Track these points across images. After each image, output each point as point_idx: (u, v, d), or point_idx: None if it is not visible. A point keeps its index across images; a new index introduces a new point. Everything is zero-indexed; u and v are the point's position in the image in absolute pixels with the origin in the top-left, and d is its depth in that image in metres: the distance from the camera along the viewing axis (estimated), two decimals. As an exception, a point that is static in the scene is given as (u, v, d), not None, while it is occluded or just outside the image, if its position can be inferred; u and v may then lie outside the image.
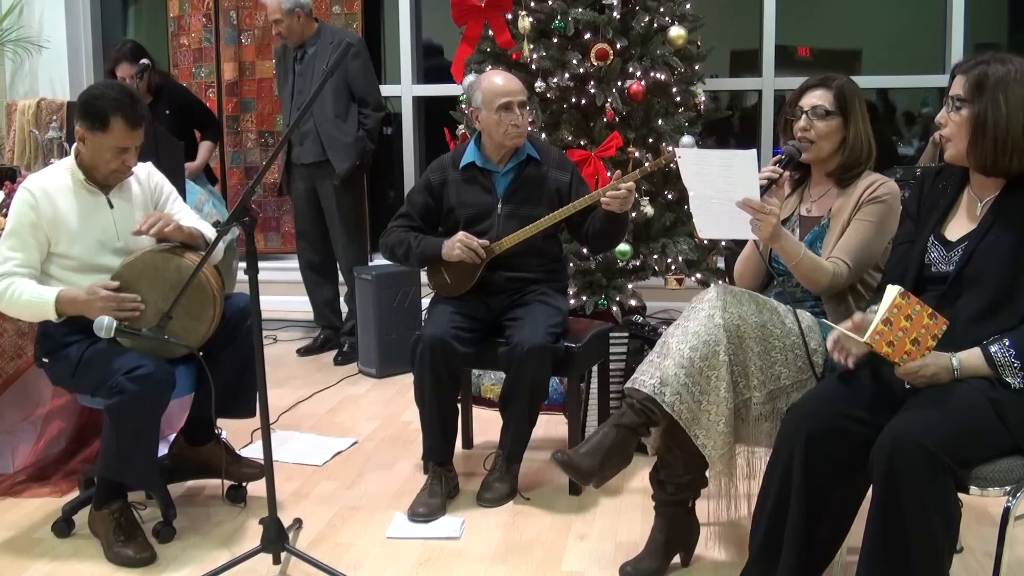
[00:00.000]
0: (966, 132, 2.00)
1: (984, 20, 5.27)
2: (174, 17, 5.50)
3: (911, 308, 1.95)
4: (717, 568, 2.50)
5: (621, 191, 2.82)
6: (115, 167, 2.62)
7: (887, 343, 1.94)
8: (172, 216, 2.78)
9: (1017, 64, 1.97)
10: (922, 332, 1.95)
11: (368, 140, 4.51)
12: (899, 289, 1.95)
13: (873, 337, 1.95)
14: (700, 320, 2.25)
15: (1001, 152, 1.97)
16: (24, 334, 3.02)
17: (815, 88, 2.44)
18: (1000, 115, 1.95)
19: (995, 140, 1.96)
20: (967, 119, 1.99)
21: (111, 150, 2.58)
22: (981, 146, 1.98)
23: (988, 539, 2.55)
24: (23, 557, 2.61)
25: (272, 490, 2.40)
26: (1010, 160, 1.97)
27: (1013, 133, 1.95)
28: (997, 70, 1.96)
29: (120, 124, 2.55)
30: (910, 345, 1.95)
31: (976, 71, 1.98)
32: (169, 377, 2.52)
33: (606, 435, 2.29)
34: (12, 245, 2.58)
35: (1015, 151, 1.96)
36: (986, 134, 1.96)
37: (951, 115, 2.02)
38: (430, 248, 3.05)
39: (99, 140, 2.57)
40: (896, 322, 1.94)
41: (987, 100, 1.96)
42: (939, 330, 1.96)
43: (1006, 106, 1.94)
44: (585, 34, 3.98)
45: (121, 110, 2.54)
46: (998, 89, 1.95)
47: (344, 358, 4.65)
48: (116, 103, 2.54)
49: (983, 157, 1.99)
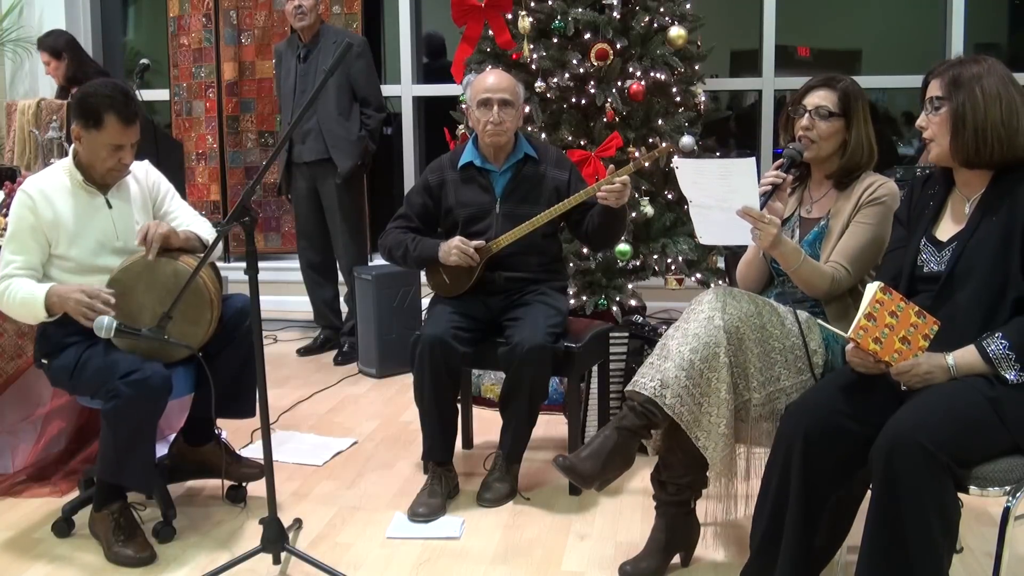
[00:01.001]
0: (947, 128, 2.04)
1: (984, 20, 5.27)
2: (174, 17, 5.50)
3: (894, 304, 1.96)
4: (717, 568, 2.50)
5: (616, 184, 2.82)
6: (111, 165, 2.62)
7: (873, 339, 1.94)
8: (170, 213, 2.79)
9: (990, 62, 2.04)
10: (911, 331, 1.95)
11: (370, 140, 4.52)
12: (879, 284, 1.97)
13: (857, 332, 1.95)
14: (700, 322, 2.25)
15: (982, 142, 2.00)
16: (24, 334, 3.02)
17: (819, 88, 2.44)
18: (978, 105, 1.99)
19: (975, 130, 2.00)
20: (946, 116, 2.03)
21: (106, 147, 2.58)
22: (962, 138, 2.02)
23: (988, 539, 2.56)
24: (23, 557, 2.61)
25: (272, 490, 2.40)
26: (992, 149, 2.01)
27: (992, 121, 1.99)
28: (970, 67, 2.03)
29: (113, 121, 2.56)
30: (899, 344, 1.95)
31: (952, 71, 2.04)
32: (165, 381, 2.52)
33: (607, 438, 2.29)
34: (13, 249, 2.59)
35: (996, 139, 2.00)
36: (966, 126, 2.01)
37: (931, 116, 2.07)
38: (427, 251, 3.04)
39: (94, 138, 2.58)
40: (880, 318, 1.94)
41: (964, 94, 2.01)
42: (930, 329, 1.96)
43: (983, 96, 2.00)
44: (585, 34, 3.98)
45: (114, 107, 2.56)
46: (973, 82, 2.01)
47: (344, 358, 4.65)
48: (109, 100, 2.56)
49: (965, 149, 2.03)
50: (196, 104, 5.52)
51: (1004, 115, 1.99)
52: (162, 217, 2.81)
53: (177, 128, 5.55)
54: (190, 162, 5.50)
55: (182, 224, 2.78)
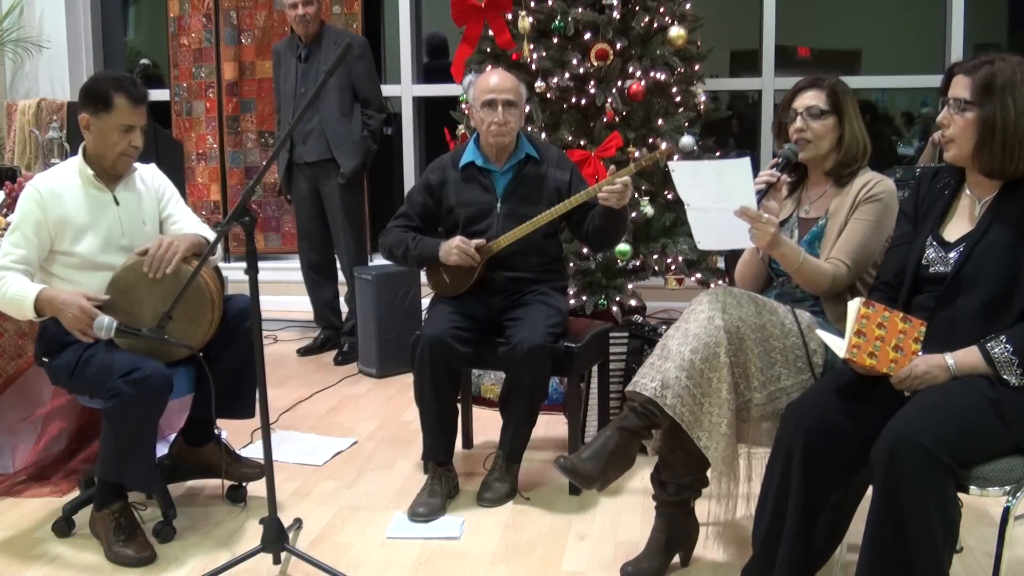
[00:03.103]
0: (972, 135, 1.98)
1: (984, 20, 5.27)
2: (174, 17, 5.50)
3: (879, 316, 1.97)
4: (717, 568, 2.50)
5: (617, 185, 2.82)
6: (122, 148, 2.62)
7: (867, 355, 1.95)
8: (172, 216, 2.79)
9: (1018, 63, 1.96)
10: (901, 337, 1.95)
11: (371, 140, 4.52)
12: (860, 299, 1.98)
13: (851, 351, 1.96)
14: (700, 322, 2.25)
15: (1009, 156, 1.96)
16: (24, 334, 3.02)
17: (807, 89, 2.45)
18: (1009, 118, 1.94)
19: (1004, 144, 1.95)
20: (974, 122, 1.97)
21: (117, 130, 2.59)
22: (990, 149, 1.97)
23: (988, 539, 2.56)
24: (23, 557, 2.61)
25: (272, 490, 2.40)
26: (1018, 163, 1.97)
27: (1021, 136, 1.94)
28: (1003, 70, 1.95)
29: (123, 101, 2.57)
30: (893, 352, 1.95)
31: (982, 72, 1.96)
32: (166, 380, 2.52)
33: (608, 439, 2.29)
34: (14, 241, 2.59)
35: (1023, 155, 1.96)
36: (995, 137, 1.95)
37: (955, 116, 2.01)
38: (427, 250, 3.05)
39: (104, 121, 2.58)
40: (869, 332, 1.94)
41: (996, 103, 1.94)
42: (918, 332, 1.97)
43: (1014, 108, 1.94)
44: (585, 34, 3.98)
45: (122, 87, 2.58)
46: (1006, 92, 1.94)
47: (344, 358, 4.65)
48: (116, 82, 2.59)
49: (991, 160, 1.98)
50: (196, 104, 5.52)
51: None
52: (165, 218, 2.81)
53: (177, 128, 5.55)
54: (190, 162, 5.50)
55: (183, 228, 2.78)
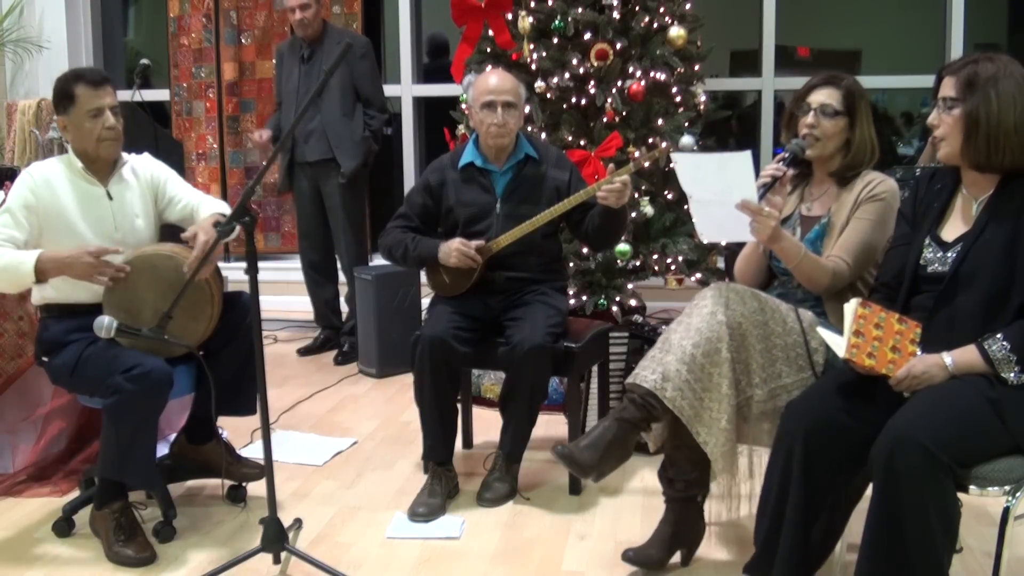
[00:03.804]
0: (959, 130, 2.02)
1: (984, 20, 5.27)
2: (174, 17, 5.50)
3: (876, 316, 1.98)
4: (717, 568, 2.50)
5: (616, 184, 2.82)
6: (99, 133, 2.63)
7: (866, 355, 1.95)
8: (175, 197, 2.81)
9: (1005, 62, 2.01)
10: (898, 338, 1.97)
11: (373, 141, 4.52)
12: (857, 300, 2.00)
13: (850, 351, 1.96)
14: (703, 316, 2.25)
15: (995, 148, 1.99)
16: (24, 334, 3.02)
17: (823, 86, 2.44)
18: (992, 111, 1.97)
19: (988, 136, 1.98)
20: (960, 117, 2.01)
21: (86, 117, 2.61)
22: (975, 143, 2.00)
23: (988, 539, 2.55)
24: (23, 557, 2.61)
25: (272, 490, 2.40)
26: (1003, 155, 1.99)
27: (1005, 128, 1.97)
28: (987, 68, 1.99)
29: (82, 88, 2.60)
30: (891, 353, 1.96)
31: (966, 70, 2.01)
32: (167, 376, 2.52)
33: (607, 429, 2.29)
34: (4, 221, 2.57)
35: (1008, 146, 1.98)
36: (979, 131, 1.99)
37: (943, 115, 2.05)
38: (427, 251, 3.04)
39: (74, 115, 2.61)
40: (867, 332, 1.95)
41: (979, 97, 1.98)
42: (915, 333, 1.98)
43: (997, 102, 1.97)
44: (585, 34, 3.98)
45: (80, 77, 2.62)
46: (989, 86, 1.98)
47: (344, 358, 4.65)
48: (74, 74, 2.64)
49: (977, 154, 2.01)
50: (196, 104, 5.52)
51: (1018, 121, 1.97)
52: (168, 203, 2.81)
53: (177, 128, 5.55)
54: (190, 162, 5.50)
55: (190, 205, 2.79)
